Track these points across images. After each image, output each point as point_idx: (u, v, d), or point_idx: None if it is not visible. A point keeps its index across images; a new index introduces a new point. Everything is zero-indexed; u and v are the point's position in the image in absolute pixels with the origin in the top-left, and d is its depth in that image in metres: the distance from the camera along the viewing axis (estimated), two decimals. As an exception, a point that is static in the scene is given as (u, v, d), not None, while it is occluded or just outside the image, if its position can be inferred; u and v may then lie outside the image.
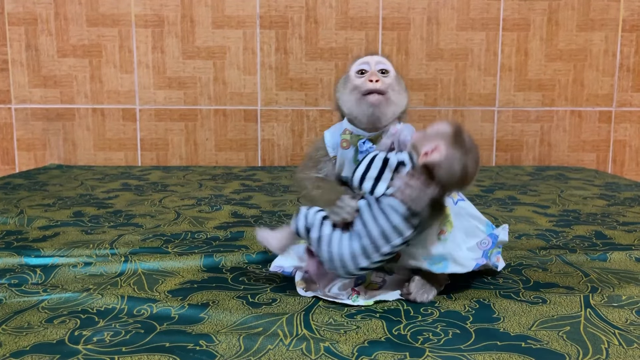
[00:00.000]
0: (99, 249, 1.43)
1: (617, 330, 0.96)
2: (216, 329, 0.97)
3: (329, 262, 1.06)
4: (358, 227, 1.05)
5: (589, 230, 1.66)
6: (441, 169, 1.01)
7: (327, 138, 1.23)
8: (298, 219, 1.11)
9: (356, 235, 1.05)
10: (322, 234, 1.07)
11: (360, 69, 1.18)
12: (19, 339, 0.93)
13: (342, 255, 1.04)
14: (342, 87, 1.21)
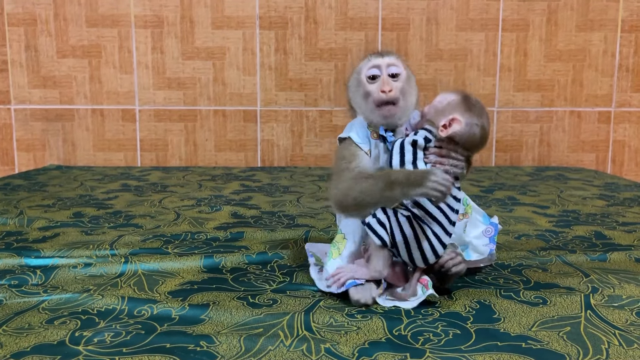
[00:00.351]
0: (98, 250, 1.43)
1: (617, 331, 0.96)
2: (217, 330, 0.97)
3: (421, 255, 1.10)
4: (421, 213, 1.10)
5: (589, 230, 1.67)
6: (463, 136, 1.10)
7: (355, 136, 1.22)
8: (375, 229, 1.10)
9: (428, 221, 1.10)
10: (415, 230, 1.10)
11: (371, 75, 1.19)
12: (19, 340, 0.93)
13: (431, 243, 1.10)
14: (355, 90, 1.22)
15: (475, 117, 1.11)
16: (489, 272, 1.31)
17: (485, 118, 1.13)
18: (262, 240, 1.57)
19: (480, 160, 3.21)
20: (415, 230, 1.09)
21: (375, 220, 1.11)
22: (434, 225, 1.10)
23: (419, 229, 1.09)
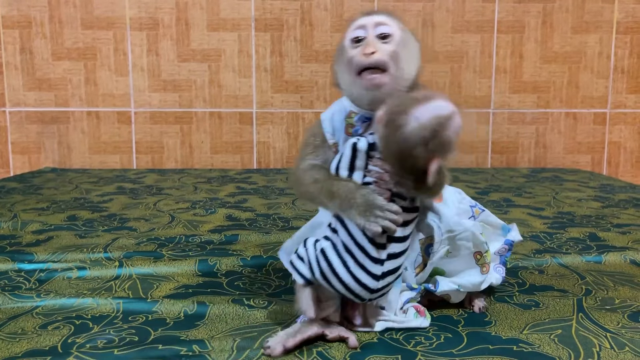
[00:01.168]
0: (92, 253, 1.43)
1: (609, 334, 0.97)
2: (210, 335, 0.97)
3: (346, 290, 0.91)
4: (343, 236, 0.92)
5: (583, 232, 1.67)
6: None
7: (326, 123, 1.02)
8: (297, 268, 0.94)
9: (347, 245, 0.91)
10: (330, 263, 0.91)
11: (355, 37, 0.96)
12: (11, 345, 0.92)
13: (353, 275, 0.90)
14: (338, 60, 1.00)
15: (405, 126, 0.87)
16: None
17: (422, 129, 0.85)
18: (256, 243, 1.57)
19: (476, 161, 3.21)
20: (330, 262, 0.90)
21: (296, 256, 0.95)
22: (357, 253, 0.90)
23: (338, 259, 0.90)
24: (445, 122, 0.82)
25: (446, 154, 0.84)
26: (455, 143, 0.84)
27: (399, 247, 0.92)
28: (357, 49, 0.95)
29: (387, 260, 0.90)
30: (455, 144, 0.84)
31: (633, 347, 0.92)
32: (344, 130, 1.00)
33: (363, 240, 0.89)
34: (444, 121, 0.82)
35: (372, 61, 0.92)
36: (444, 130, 0.82)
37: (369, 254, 0.89)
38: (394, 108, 0.85)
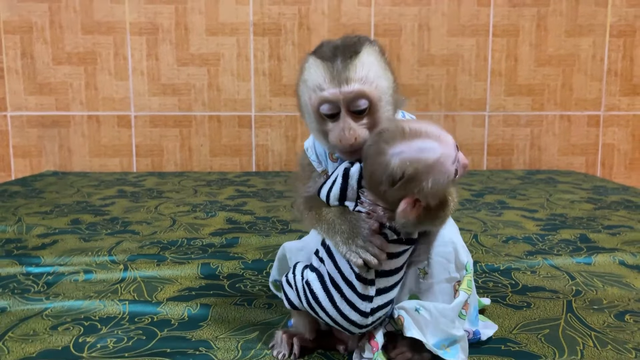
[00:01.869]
0: (97, 257, 1.47)
1: (594, 333, 1.01)
2: (215, 335, 1.01)
3: (332, 321, 0.87)
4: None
5: (574, 234, 1.71)
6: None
7: (309, 152, 0.99)
8: (287, 294, 0.92)
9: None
10: (316, 296, 0.87)
11: (327, 114, 0.85)
12: (25, 346, 0.96)
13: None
14: (306, 115, 0.91)
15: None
16: (480, 275, 1.35)
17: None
18: (256, 246, 1.61)
19: (472, 163, 3.26)
20: (315, 296, 0.87)
21: (286, 281, 0.93)
22: (344, 287, 0.85)
23: (323, 293, 0.86)
24: (424, 169, 0.76)
25: (427, 198, 0.79)
26: (439, 189, 0.78)
27: (389, 281, 0.86)
28: (332, 126, 0.86)
29: (377, 296, 0.85)
30: (439, 189, 0.78)
31: (615, 345, 0.96)
32: (328, 156, 0.97)
33: (350, 275, 0.84)
34: (424, 168, 0.76)
35: (354, 148, 0.85)
36: (421, 176, 0.77)
37: (357, 289, 0.84)
38: (379, 136, 0.81)
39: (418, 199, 0.79)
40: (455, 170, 0.78)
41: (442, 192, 0.80)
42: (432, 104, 3.20)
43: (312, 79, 0.86)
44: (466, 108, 3.21)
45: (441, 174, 0.77)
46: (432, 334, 0.87)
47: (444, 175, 0.77)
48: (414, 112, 1.02)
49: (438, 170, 0.77)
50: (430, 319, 0.87)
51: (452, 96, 3.20)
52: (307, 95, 0.88)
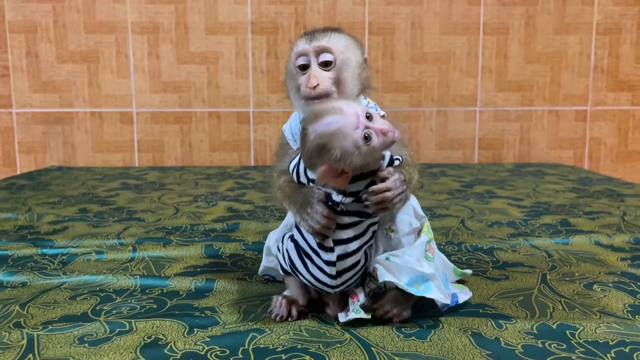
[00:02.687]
0: (107, 240, 1.57)
1: (563, 299, 1.11)
2: (220, 303, 1.11)
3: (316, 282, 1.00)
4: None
5: (556, 219, 1.82)
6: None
7: (287, 132, 1.11)
8: (279, 260, 1.06)
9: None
10: (293, 263, 1.01)
11: (300, 64, 1.03)
12: (47, 312, 1.06)
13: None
14: (289, 82, 1.07)
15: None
16: (464, 254, 1.45)
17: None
18: (256, 230, 1.71)
19: (464, 157, 3.36)
20: (293, 262, 1.01)
21: (277, 249, 1.07)
22: (312, 255, 0.98)
23: (299, 260, 1.00)
24: (329, 138, 0.87)
25: (344, 164, 0.88)
26: (350, 154, 0.87)
27: (349, 247, 0.96)
28: (303, 77, 1.01)
29: (339, 261, 0.96)
30: (350, 154, 0.87)
31: (582, 308, 1.07)
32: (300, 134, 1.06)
33: (314, 243, 0.97)
34: (329, 137, 0.87)
35: (316, 94, 0.99)
36: (329, 145, 0.87)
37: (320, 256, 0.97)
38: (304, 121, 0.92)
39: (337, 167, 0.89)
40: (366, 136, 0.88)
41: (359, 157, 0.89)
42: (424, 100, 3.30)
43: (294, 48, 1.05)
44: (458, 104, 3.32)
45: (346, 141, 0.87)
46: (403, 275, 0.98)
47: (349, 142, 0.87)
48: (407, 108, 1.11)
49: (342, 137, 0.87)
50: (400, 262, 0.98)
51: (444, 92, 3.30)
52: (289, 63, 1.06)
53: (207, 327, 0.99)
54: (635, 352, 0.88)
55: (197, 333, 0.96)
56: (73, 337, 0.95)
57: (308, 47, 1.02)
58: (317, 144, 0.87)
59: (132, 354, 0.88)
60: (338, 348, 0.90)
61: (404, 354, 0.88)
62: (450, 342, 0.92)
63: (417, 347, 0.90)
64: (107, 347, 0.91)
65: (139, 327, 0.99)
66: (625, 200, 2.12)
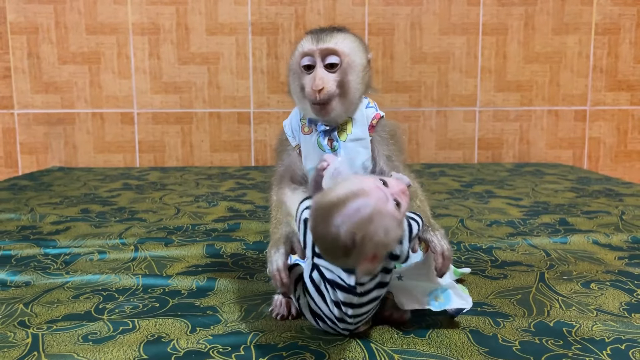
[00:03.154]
0: (109, 240, 1.58)
1: (561, 297, 1.13)
2: (221, 302, 1.13)
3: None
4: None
5: (554, 218, 1.83)
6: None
7: (287, 128, 1.10)
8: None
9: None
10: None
11: (305, 64, 1.02)
12: (51, 311, 1.08)
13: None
14: (292, 77, 1.06)
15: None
16: (463, 253, 1.47)
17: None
18: (257, 230, 1.72)
19: (463, 157, 3.38)
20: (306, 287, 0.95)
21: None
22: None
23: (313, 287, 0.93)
24: (368, 226, 0.77)
25: (386, 247, 0.80)
26: (391, 232, 0.78)
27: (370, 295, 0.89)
28: (308, 78, 1.00)
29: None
30: (391, 232, 0.78)
31: (579, 307, 1.08)
32: (300, 129, 1.09)
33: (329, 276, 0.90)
34: (366, 226, 0.77)
35: (321, 98, 0.99)
36: (371, 235, 0.77)
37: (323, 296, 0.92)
38: (316, 213, 0.81)
39: (380, 251, 0.80)
40: (397, 203, 0.80)
41: (399, 228, 0.81)
42: (424, 100, 3.31)
43: (299, 47, 1.04)
44: (457, 104, 3.33)
45: (385, 219, 0.78)
46: (420, 294, 0.97)
47: (388, 218, 0.78)
48: (407, 109, 1.12)
49: (380, 217, 0.77)
50: (415, 283, 0.98)
51: (444, 92, 3.32)
52: (292, 60, 1.06)
53: (209, 325, 1.00)
54: (631, 350, 0.89)
55: (200, 331, 0.97)
56: (77, 335, 0.96)
57: (314, 48, 1.01)
58: (356, 237, 0.76)
59: (136, 352, 0.89)
60: (338, 345, 0.91)
61: (402, 351, 0.89)
62: (449, 340, 0.93)
63: (416, 345, 0.92)
64: (111, 345, 0.92)
65: (142, 326, 1.00)
66: (624, 200, 2.13)
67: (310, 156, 1.07)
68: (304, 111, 1.07)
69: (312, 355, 0.87)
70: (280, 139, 1.13)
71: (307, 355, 0.87)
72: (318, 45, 1.01)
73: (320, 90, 0.98)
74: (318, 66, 1.00)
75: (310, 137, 1.07)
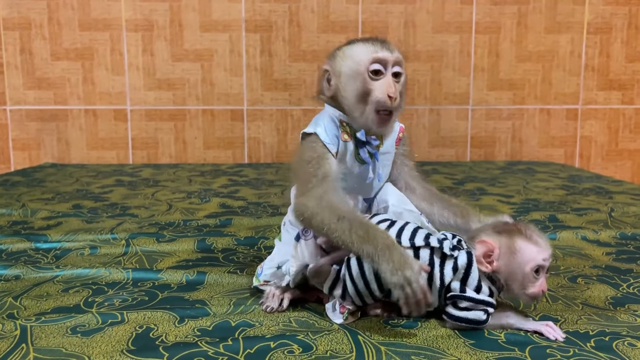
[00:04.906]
0: (100, 235, 1.58)
1: (548, 292, 1.14)
2: (210, 295, 1.13)
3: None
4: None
5: (544, 215, 1.84)
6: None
7: (322, 134, 1.04)
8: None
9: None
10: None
11: (375, 69, 1.00)
12: (40, 304, 1.08)
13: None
14: (348, 81, 1.02)
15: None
16: (451, 249, 1.47)
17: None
18: (248, 226, 1.73)
19: (456, 155, 3.39)
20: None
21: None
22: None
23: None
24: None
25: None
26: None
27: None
28: (377, 84, 0.99)
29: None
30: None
31: (565, 300, 1.09)
32: (340, 136, 1.05)
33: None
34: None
35: (394, 106, 0.99)
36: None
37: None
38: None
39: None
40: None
41: None
42: (417, 98, 3.32)
43: (361, 51, 1.02)
44: (450, 102, 3.34)
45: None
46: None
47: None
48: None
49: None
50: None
51: (437, 90, 3.33)
52: (353, 63, 1.02)
53: (197, 317, 1.01)
54: (614, 341, 0.90)
55: (188, 323, 0.98)
56: (66, 327, 0.97)
57: (390, 56, 1.00)
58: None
59: (124, 344, 0.90)
60: (326, 336, 0.92)
61: (389, 343, 0.90)
62: (435, 332, 0.94)
63: (403, 337, 0.92)
64: (99, 337, 0.92)
65: (131, 318, 1.00)
66: (614, 197, 2.15)
67: (348, 160, 1.05)
68: (356, 118, 1.03)
69: (300, 347, 0.88)
70: (310, 152, 1.03)
71: (295, 347, 0.88)
72: (392, 54, 1.01)
73: (394, 98, 0.98)
74: (389, 74, 1.00)
75: (348, 144, 1.05)
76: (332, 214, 0.95)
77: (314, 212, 0.96)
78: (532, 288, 0.94)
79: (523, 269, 0.94)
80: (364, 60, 1.00)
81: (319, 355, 0.86)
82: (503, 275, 0.95)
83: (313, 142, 1.04)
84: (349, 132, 1.05)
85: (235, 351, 0.86)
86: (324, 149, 1.03)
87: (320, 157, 1.02)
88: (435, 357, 0.85)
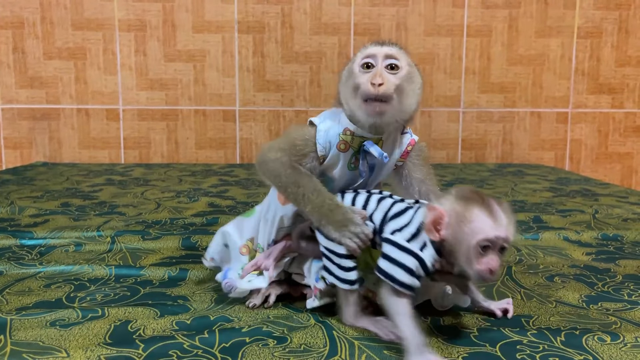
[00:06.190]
0: (86, 232, 1.59)
1: (523, 290, 1.16)
2: (192, 291, 1.14)
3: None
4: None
5: (529, 216, 1.86)
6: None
7: (321, 134, 1.03)
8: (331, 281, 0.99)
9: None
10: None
11: (365, 62, 1.00)
12: (22, 299, 1.09)
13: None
14: (345, 81, 1.03)
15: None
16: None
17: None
18: (235, 224, 1.74)
19: (447, 157, 3.41)
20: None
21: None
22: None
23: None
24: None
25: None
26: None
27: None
28: (365, 76, 0.98)
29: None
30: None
31: (540, 298, 1.11)
32: (336, 144, 1.03)
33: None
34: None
35: (378, 93, 0.95)
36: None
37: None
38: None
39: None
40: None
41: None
42: (409, 100, 3.34)
43: (361, 51, 1.03)
44: (441, 104, 3.36)
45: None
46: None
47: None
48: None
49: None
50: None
51: (428, 93, 3.35)
52: (350, 63, 1.03)
53: (177, 313, 1.02)
54: (584, 336, 0.92)
55: (167, 317, 0.99)
56: (45, 321, 0.98)
57: (378, 50, 1.00)
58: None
59: (101, 338, 0.91)
60: (302, 330, 0.93)
61: (363, 338, 0.91)
62: (410, 328, 0.95)
63: (378, 332, 0.94)
64: (77, 330, 0.93)
65: (111, 313, 1.01)
66: (599, 200, 2.16)
67: (336, 170, 1.05)
68: (353, 116, 1.01)
69: (274, 340, 0.89)
70: (304, 136, 1.03)
71: (270, 341, 0.89)
72: (382, 48, 1.00)
73: (379, 85, 0.96)
74: (379, 65, 0.98)
75: (343, 155, 1.03)
76: (290, 180, 1.00)
77: (274, 173, 1.02)
78: (477, 264, 0.85)
79: (469, 240, 0.85)
80: (358, 58, 1.02)
81: (292, 348, 0.87)
82: (450, 245, 0.88)
83: (308, 133, 1.03)
84: (350, 142, 1.02)
85: (211, 344, 0.88)
86: (312, 147, 1.03)
87: (303, 152, 1.02)
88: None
